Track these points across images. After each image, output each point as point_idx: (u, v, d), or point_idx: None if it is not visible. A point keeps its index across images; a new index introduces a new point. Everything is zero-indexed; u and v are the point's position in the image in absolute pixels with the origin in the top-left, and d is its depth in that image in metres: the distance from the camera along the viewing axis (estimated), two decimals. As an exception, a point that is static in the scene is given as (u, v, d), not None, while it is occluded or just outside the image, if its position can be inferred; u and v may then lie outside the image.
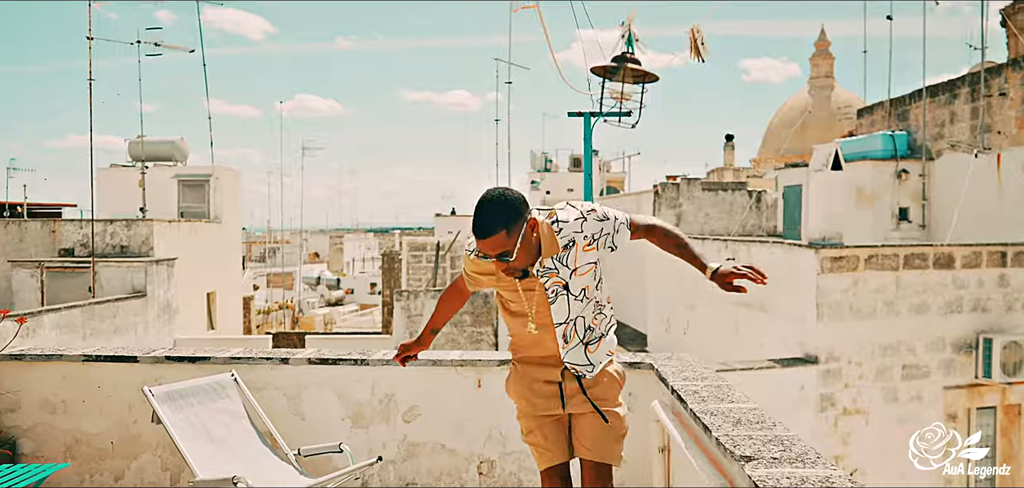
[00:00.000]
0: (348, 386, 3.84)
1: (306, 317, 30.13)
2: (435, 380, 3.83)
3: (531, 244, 2.32)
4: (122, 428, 3.85)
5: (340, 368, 3.82)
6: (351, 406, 3.84)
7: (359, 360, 3.82)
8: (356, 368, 3.82)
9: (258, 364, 3.82)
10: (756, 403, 2.85)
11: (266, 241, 41.25)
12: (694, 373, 3.40)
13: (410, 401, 3.83)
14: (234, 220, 18.36)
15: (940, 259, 8.60)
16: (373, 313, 34.96)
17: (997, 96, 10.17)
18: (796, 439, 2.33)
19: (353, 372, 3.83)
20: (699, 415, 2.65)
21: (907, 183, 11.45)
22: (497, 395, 3.80)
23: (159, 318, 12.92)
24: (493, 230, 2.22)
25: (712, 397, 2.93)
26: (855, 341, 8.36)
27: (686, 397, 2.95)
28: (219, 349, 3.95)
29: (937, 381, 8.65)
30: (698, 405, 2.80)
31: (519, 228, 2.25)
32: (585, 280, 2.43)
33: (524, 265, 2.34)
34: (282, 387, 3.83)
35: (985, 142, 10.34)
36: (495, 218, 2.22)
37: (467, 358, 3.81)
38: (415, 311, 13.87)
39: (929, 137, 11.47)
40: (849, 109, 32.92)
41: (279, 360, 3.82)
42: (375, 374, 3.83)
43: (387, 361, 3.83)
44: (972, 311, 8.72)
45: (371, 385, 3.84)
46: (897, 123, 12.19)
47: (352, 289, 43.52)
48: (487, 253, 2.29)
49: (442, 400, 3.82)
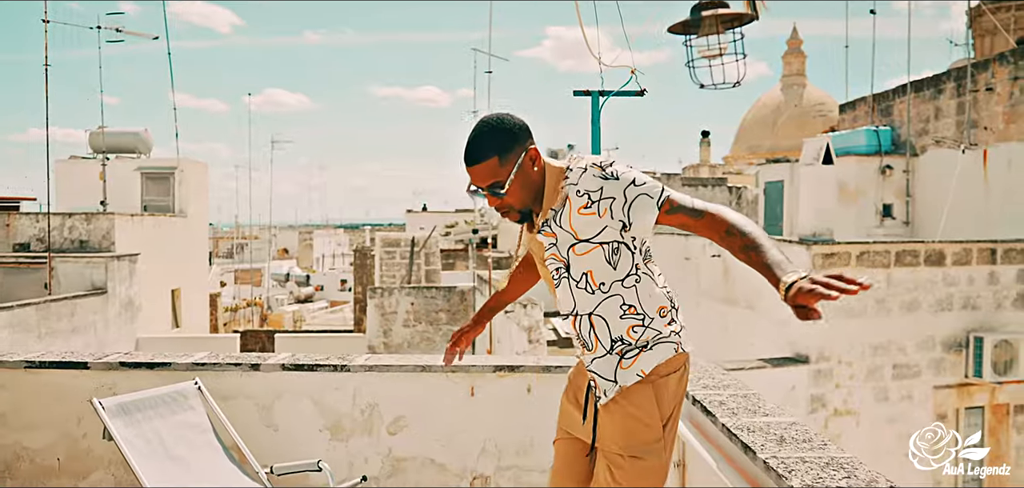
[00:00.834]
0: (326, 394, 3.46)
1: (275, 314, 29.44)
2: (423, 388, 3.46)
3: (530, 180, 1.94)
4: (70, 442, 3.42)
5: (318, 375, 3.43)
6: (330, 417, 3.46)
7: (339, 366, 3.43)
8: (336, 374, 3.44)
9: (225, 370, 3.41)
10: (793, 416, 2.54)
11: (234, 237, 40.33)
12: (713, 380, 3.08)
13: (396, 411, 3.46)
14: (201, 215, 17.74)
15: (931, 256, 8.44)
16: (343, 310, 34.35)
17: (983, 91, 10.06)
18: (857, 462, 2.01)
19: (332, 379, 3.45)
20: (736, 432, 2.33)
21: (891, 179, 11.31)
22: (492, 404, 3.45)
23: (120, 316, 12.33)
24: (483, 156, 1.90)
25: (742, 409, 2.60)
26: (846, 340, 8.17)
27: (712, 408, 2.63)
28: (182, 354, 3.53)
29: (927, 381, 8.50)
30: (729, 419, 2.47)
31: (515, 156, 1.91)
32: (587, 262, 1.93)
33: (520, 204, 1.97)
34: (253, 396, 3.43)
35: (971, 138, 10.23)
36: (487, 141, 1.90)
37: (459, 363, 3.44)
38: (389, 309, 13.44)
39: (913, 133, 11.35)
40: (822, 107, 33.13)
41: (249, 366, 3.42)
42: (356, 381, 3.45)
43: (369, 367, 3.45)
44: (962, 309, 8.58)
45: (352, 393, 3.46)
46: (880, 118, 12.06)
47: (322, 286, 42.78)
48: (478, 186, 1.94)
49: (431, 410, 3.46)
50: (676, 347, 2.00)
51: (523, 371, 3.43)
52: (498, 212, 2.02)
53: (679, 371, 2.03)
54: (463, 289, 13.48)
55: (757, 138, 35.34)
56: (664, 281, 2.08)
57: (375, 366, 3.44)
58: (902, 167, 11.33)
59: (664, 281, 2.08)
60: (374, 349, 13.29)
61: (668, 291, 2.06)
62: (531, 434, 3.44)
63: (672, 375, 2.00)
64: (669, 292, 2.07)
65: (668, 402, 2.00)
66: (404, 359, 3.52)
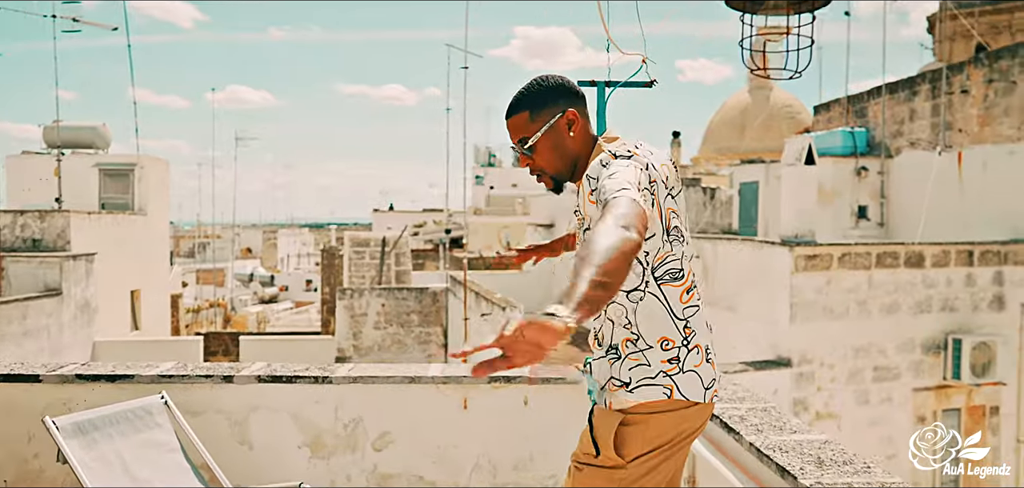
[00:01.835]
0: (306, 408, 3.18)
1: (238, 316, 28.74)
2: (412, 400, 3.20)
3: (564, 145, 1.77)
4: (19, 463, 3.09)
5: (297, 387, 3.16)
6: (310, 432, 3.18)
7: (320, 377, 3.16)
8: (317, 387, 3.17)
9: (195, 383, 3.12)
10: (823, 433, 2.35)
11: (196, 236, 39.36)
12: (726, 392, 2.88)
13: (382, 425, 3.20)
14: (161, 213, 17.14)
15: (911, 258, 8.41)
16: (309, 311, 33.72)
17: (958, 94, 10.10)
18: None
19: (313, 391, 3.17)
20: (768, 453, 2.12)
21: (866, 180, 11.33)
22: (486, 417, 3.22)
23: (76, 319, 11.79)
24: (515, 110, 1.81)
25: (768, 426, 2.41)
26: (828, 342, 8.09)
27: (734, 425, 2.43)
28: (145, 365, 3.22)
29: (907, 383, 8.47)
30: (756, 437, 2.27)
31: (547, 115, 1.77)
32: None
33: (551, 168, 1.80)
34: (225, 410, 3.14)
35: (946, 140, 10.26)
36: (522, 96, 1.80)
37: (451, 374, 3.20)
38: (359, 310, 13.09)
39: (888, 135, 11.38)
40: (788, 109, 33.45)
41: (221, 378, 3.13)
42: (339, 393, 3.19)
43: (353, 378, 3.18)
44: (941, 311, 8.56)
45: (334, 407, 3.19)
46: (855, 120, 12.08)
47: (287, 286, 41.95)
48: (512, 142, 1.84)
49: (420, 424, 3.20)
50: (668, 391, 1.68)
51: (519, 382, 3.20)
52: (531, 175, 1.85)
53: (669, 414, 1.70)
54: (435, 290, 13.20)
55: (725, 140, 35.56)
56: (693, 313, 1.73)
57: (360, 377, 3.17)
58: (877, 168, 11.35)
59: (693, 313, 1.73)
60: (343, 351, 12.94)
61: (687, 324, 1.71)
62: (528, 449, 3.21)
63: (655, 416, 1.70)
64: (689, 325, 1.72)
65: (640, 443, 1.69)
66: (391, 370, 3.26)
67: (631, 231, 1.38)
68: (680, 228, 1.73)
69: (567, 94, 1.80)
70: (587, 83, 2.85)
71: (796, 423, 2.44)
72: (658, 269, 1.70)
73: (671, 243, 1.69)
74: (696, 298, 1.76)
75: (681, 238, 1.73)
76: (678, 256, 1.70)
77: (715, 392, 1.78)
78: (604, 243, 1.34)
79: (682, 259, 1.71)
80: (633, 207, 1.43)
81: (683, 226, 1.75)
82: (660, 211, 1.67)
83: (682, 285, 1.72)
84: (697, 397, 1.71)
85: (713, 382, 1.76)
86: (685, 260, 1.72)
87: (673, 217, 1.71)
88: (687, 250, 1.76)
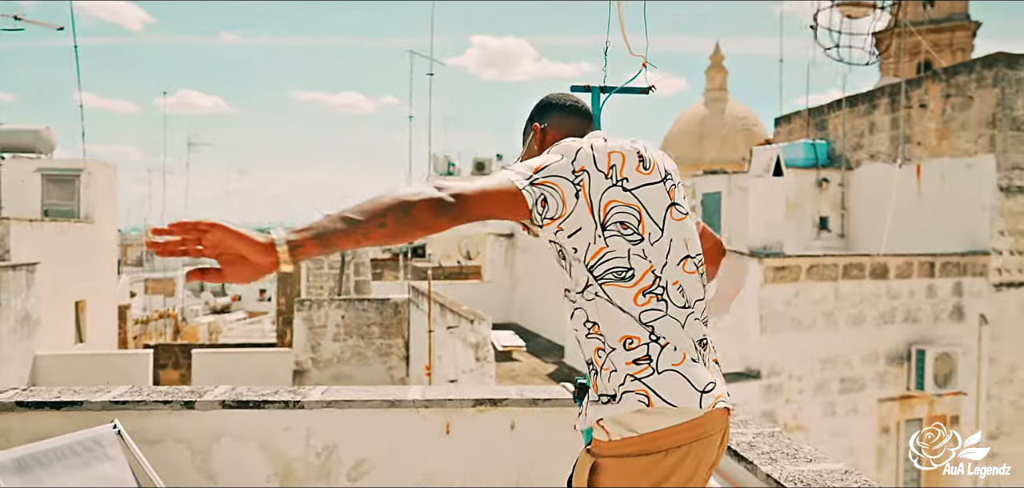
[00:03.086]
0: (275, 436, 2.94)
1: (189, 327, 27.88)
2: (391, 426, 2.99)
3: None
4: (-48, 501, 2.78)
5: (265, 413, 2.91)
6: (279, 462, 2.94)
7: (291, 402, 2.92)
8: (287, 412, 2.93)
9: (152, 410, 2.85)
10: (838, 460, 2.22)
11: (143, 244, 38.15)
12: (726, 414, 2.74)
13: (358, 453, 2.98)
14: (109, 220, 16.48)
15: (875, 269, 8.47)
16: (263, 321, 32.95)
17: (917, 108, 10.27)
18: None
19: (282, 417, 2.93)
20: (787, 486, 1.98)
21: (827, 192, 11.45)
22: (471, 443, 3.02)
23: (15, 332, 11.19)
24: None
25: (780, 453, 2.27)
26: (796, 354, 8.09)
27: (743, 452, 2.28)
28: (96, 389, 2.94)
29: (872, 394, 8.52)
30: (772, 468, 2.13)
31: (528, 135, 1.83)
32: (554, 261, 1.65)
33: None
34: (186, 439, 2.88)
35: (905, 153, 10.43)
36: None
37: (433, 397, 3.00)
38: (318, 322, 12.73)
39: (848, 147, 11.53)
40: (744, 121, 34.02)
41: (181, 404, 2.87)
42: (311, 419, 2.95)
43: (327, 403, 2.95)
44: (904, 322, 8.65)
45: (305, 434, 2.95)
46: (816, 132, 12.22)
47: (240, 296, 40.97)
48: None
49: (400, 451, 2.99)
50: (644, 398, 1.45)
51: (506, 405, 3.01)
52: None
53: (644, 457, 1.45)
54: (397, 301, 12.91)
55: (682, 150, 35.97)
56: (656, 318, 1.51)
57: (334, 402, 2.95)
58: (838, 180, 11.49)
59: (656, 318, 1.51)
60: (301, 364, 12.56)
61: (649, 328, 1.50)
62: (515, 475, 3.02)
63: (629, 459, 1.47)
64: (653, 330, 1.50)
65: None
66: (368, 393, 3.04)
67: (434, 191, 1.36)
68: (631, 224, 1.52)
69: (539, 111, 1.79)
70: (581, 88, 2.68)
71: (808, 450, 2.31)
72: (597, 268, 1.52)
73: (607, 238, 1.50)
74: (658, 303, 1.52)
75: (632, 236, 1.52)
76: (623, 253, 1.51)
77: (720, 398, 1.50)
78: (391, 192, 1.34)
79: (630, 257, 1.51)
80: (478, 182, 1.42)
81: (640, 223, 1.53)
82: (589, 203, 1.50)
83: (635, 286, 1.51)
84: (687, 402, 1.45)
85: (713, 386, 1.50)
86: (635, 259, 1.51)
87: (618, 211, 1.51)
88: (646, 250, 1.53)
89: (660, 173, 1.61)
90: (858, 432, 8.39)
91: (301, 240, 1.31)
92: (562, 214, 1.48)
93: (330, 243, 1.32)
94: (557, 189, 1.47)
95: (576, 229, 1.51)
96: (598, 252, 1.51)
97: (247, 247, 1.30)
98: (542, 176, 1.47)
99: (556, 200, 1.47)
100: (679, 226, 1.60)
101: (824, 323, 8.15)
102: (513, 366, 12.30)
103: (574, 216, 1.49)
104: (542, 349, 13.79)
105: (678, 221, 1.60)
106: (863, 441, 8.39)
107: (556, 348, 13.56)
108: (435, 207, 1.35)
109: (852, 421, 8.39)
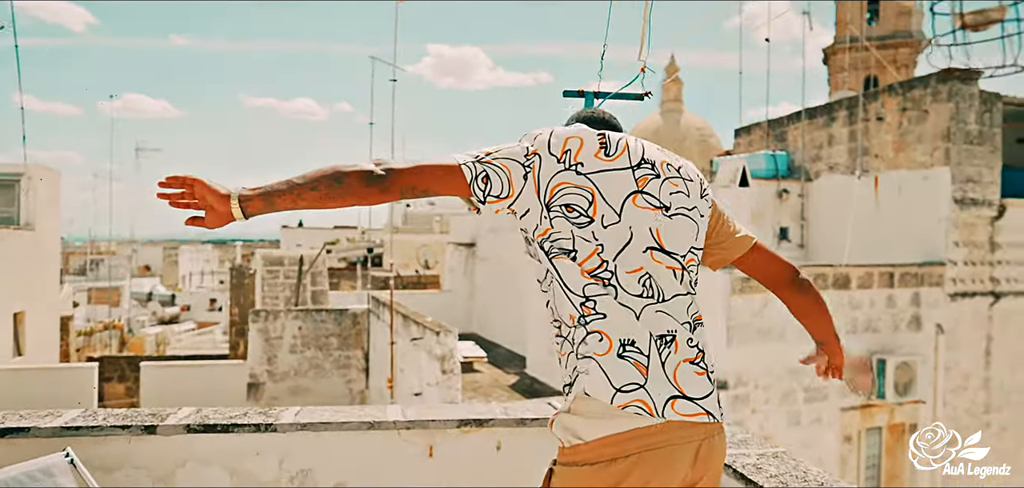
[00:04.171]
0: (245, 461, 2.73)
1: (136, 338, 26.94)
2: (370, 448, 2.81)
3: None
4: None
5: (234, 436, 2.71)
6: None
7: (262, 425, 2.72)
8: (258, 436, 2.73)
9: (108, 435, 2.62)
10: (841, 480, 2.13)
11: (88, 252, 36.83)
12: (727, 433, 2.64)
13: (335, 477, 2.79)
14: (52, 228, 15.79)
15: (838, 280, 8.56)
16: (214, 332, 32.09)
17: (874, 121, 10.46)
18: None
19: (253, 441, 2.73)
20: (807, 512, 1.87)
21: (787, 203, 11.60)
22: (455, 465, 2.86)
23: (-50, 345, 10.58)
24: None
25: (789, 475, 2.17)
26: (762, 365, 8.11)
27: (751, 476, 2.17)
28: (46, 414, 2.70)
29: (835, 403, 8.60)
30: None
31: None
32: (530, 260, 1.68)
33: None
34: (146, 466, 2.65)
35: (863, 165, 10.61)
36: None
37: (415, 418, 2.83)
38: (274, 334, 12.36)
39: (808, 159, 11.70)
40: (700, 132, 34.50)
41: (141, 428, 2.64)
42: (284, 443, 2.75)
43: (302, 425, 2.76)
44: (865, 332, 8.76)
45: (279, 458, 2.76)
46: (775, 144, 12.38)
47: (189, 305, 39.84)
48: None
49: (380, 475, 2.81)
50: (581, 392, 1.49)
51: (492, 425, 2.86)
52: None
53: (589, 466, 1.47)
54: (356, 312, 12.62)
55: (639, 161, 36.31)
56: (598, 291, 1.51)
57: (309, 423, 2.75)
58: (797, 191, 11.64)
59: (598, 291, 1.51)
60: (257, 377, 12.17)
61: (587, 301, 1.51)
62: (501, 500, 2.87)
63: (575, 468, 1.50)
64: (593, 304, 1.51)
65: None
66: (346, 413, 2.86)
67: (374, 166, 1.49)
68: (579, 207, 1.52)
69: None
70: (575, 93, 2.57)
71: (817, 472, 2.22)
72: (545, 243, 1.56)
73: (552, 219, 1.53)
74: (605, 287, 1.51)
75: (580, 219, 1.52)
76: (567, 235, 1.53)
77: (644, 404, 1.44)
78: (334, 164, 1.50)
79: (574, 239, 1.52)
80: (419, 159, 1.53)
81: (592, 205, 1.53)
82: (537, 185, 1.53)
83: (579, 265, 1.52)
84: (596, 391, 1.46)
85: (635, 388, 1.45)
86: (579, 241, 1.52)
87: (566, 193, 1.53)
88: (597, 233, 1.52)
89: (629, 161, 1.59)
90: (823, 442, 8.45)
91: (251, 196, 1.53)
92: (509, 195, 1.53)
93: (272, 202, 1.51)
94: (504, 170, 1.53)
95: (525, 210, 1.55)
96: (544, 232, 1.54)
97: (214, 198, 1.54)
98: (491, 157, 1.54)
99: (501, 180, 1.52)
100: (644, 215, 1.57)
101: (790, 334, 8.19)
102: (475, 377, 12.13)
103: (523, 198, 1.53)
104: (503, 359, 13.65)
105: (644, 210, 1.57)
106: (827, 450, 8.46)
107: (517, 358, 13.43)
108: (365, 178, 1.48)
109: (817, 430, 8.45)
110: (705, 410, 1.52)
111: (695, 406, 1.50)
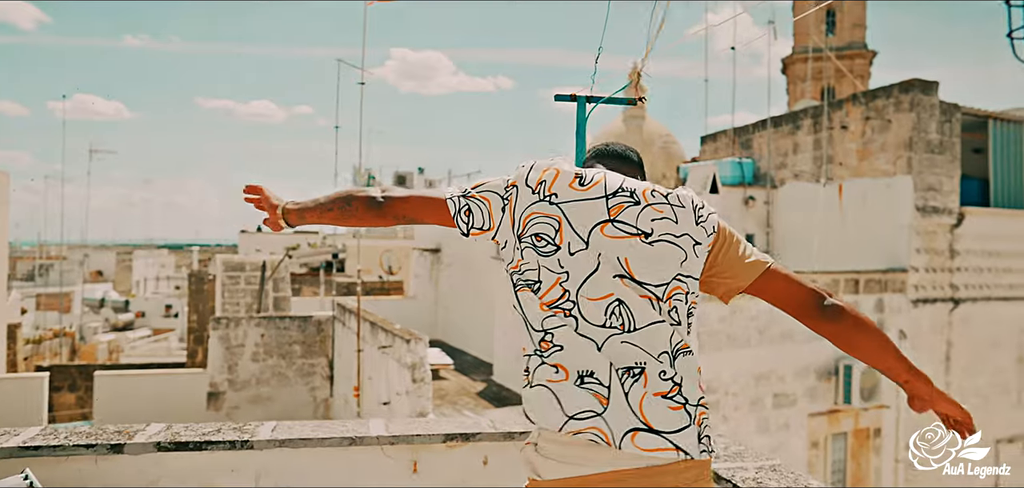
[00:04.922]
0: (219, 479, 2.59)
1: (88, 345, 26.11)
2: (352, 465, 2.69)
3: None
4: None
5: (208, 455, 2.56)
6: (223, 510, 2.59)
7: (238, 442, 2.58)
8: (233, 453, 2.58)
9: (71, 455, 2.45)
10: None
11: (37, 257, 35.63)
12: (718, 445, 2.58)
13: (314, 497, 2.66)
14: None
15: (806, 286, 8.63)
16: (169, 339, 31.28)
17: (838, 129, 10.62)
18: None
19: (228, 459, 2.59)
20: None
21: (753, 209, 11.71)
22: (439, 481, 2.75)
23: None
24: None
25: (793, 491, 2.11)
26: (731, 371, 8.14)
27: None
28: (2, 432, 2.51)
29: (803, 409, 8.67)
30: (792, 508, 1.96)
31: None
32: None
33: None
34: (113, 487, 2.49)
35: (828, 173, 10.76)
36: None
37: (398, 433, 2.72)
38: (235, 341, 12.05)
39: (773, 166, 11.83)
40: (663, 140, 34.85)
41: (107, 448, 2.48)
42: (261, 460, 2.62)
43: (280, 441, 2.62)
44: (832, 337, 8.84)
45: (255, 475, 2.62)
46: (741, 151, 12.51)
47: (143, 312, 38.74)
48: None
49: (362, 493, 2.69)
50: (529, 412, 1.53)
51: (479, 439, 2.76)
52: None
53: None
54: (320, 318, 12.38)
55: (602, 167, 36.51)
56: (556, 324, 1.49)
57: (287, 440, 2.62)
58: (763, 198, 11.76)
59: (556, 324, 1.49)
60: (217, 385, 11.84)
61: (546, 337, 1.50)
62: (488, 517, 2.77)
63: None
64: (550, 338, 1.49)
65: None
66: (326, 428, 2.73)
67: (375, 191, 1.67)
68: (546, 235, 1.52)
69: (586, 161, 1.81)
70: (566, 97, 2.49)
71: (814, 484, 2.17)
72: (515, 276, 1.58)
73: (523, 251, 1.55)
74: (565, 318, 1.48)
75: (546, 248, 1.52)
76: (534, 266, 1.53)
77: (600, 432, 1.39)
78: (350, 189, 1.72)
79: (540, 270, 1.52)
80: (414, 190, 1.69)
81: (558, 232, 1.52)
82: (512, 217, 1.56)
83: (541, 297, 1.52)
84: (546, 421, 1.45)
85: (590, 415, 1.41)
86: (544, 272, 1.51)
87: (536, 223, 1.54)
88: (563, 261, 1.50)
89: (603, 191, 1.56)
90: (791, 447, 8.51)
91: (292, 209, 1.78)
92: (490, 227, 1.59)
93: (303, 216, 1.76)
94: (485, 202, 1.59)
95: (504, 242, 1.59)
96: (516, 265, 1.56)
97: (268, 206, 1.82)
98: (475, 190, 1.61)
99: (482, 212, 1.58)
100: (614, 244, 1.52)
101: (758, 340, 8.24)
102: (442, 385, 11.97)
103: (501, 229, 1.58)
104: (470, 366, 13.52)
105: (614, 239, 1.52)
106: (794, 455, 8.52)
107: (484, 365, 13.31)
108: (368, 203, 1.66)
109: (785, 436, 8.51)
110: (675, 445, 1.40)
111: (663, 440, 1.39)
